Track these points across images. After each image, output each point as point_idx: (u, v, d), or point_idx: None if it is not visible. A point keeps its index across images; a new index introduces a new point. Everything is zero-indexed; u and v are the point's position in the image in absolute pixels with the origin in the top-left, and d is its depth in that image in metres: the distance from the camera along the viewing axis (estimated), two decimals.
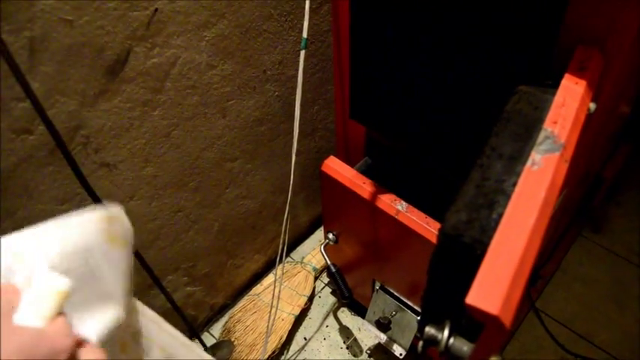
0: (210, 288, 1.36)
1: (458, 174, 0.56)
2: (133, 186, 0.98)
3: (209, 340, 1.40)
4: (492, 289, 0.36)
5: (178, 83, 0.94)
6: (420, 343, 0.48)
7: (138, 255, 0.95)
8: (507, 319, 0.35)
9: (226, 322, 1.41)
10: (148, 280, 1.02)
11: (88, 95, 0.81)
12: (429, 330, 0.48)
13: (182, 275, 1.24)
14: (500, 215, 0.43)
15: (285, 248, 1.06)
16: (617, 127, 1.21)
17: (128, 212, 0.99)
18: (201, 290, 1.33)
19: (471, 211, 0.45)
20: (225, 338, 1.35)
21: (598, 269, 1.56)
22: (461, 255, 0.43)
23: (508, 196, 0.45)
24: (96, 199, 0.83)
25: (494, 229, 0.42)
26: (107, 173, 0.92)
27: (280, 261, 1.06)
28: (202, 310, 1.40)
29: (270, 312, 1.27)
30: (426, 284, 0.50)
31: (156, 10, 0.83)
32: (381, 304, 1.18)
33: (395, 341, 1.18)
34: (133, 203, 1.00)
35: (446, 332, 0.47)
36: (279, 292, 1.38)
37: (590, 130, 0.78)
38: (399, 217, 0.91)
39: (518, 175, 0.46)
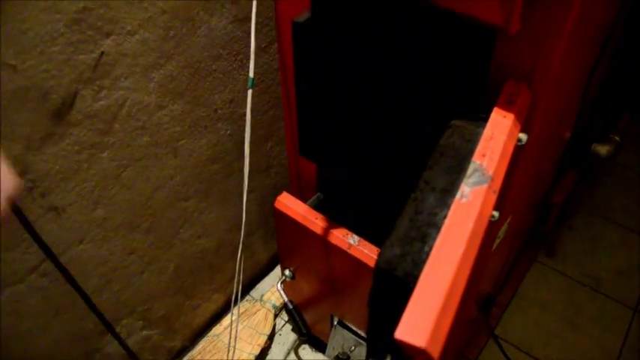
0: (167, 331, 1.33)
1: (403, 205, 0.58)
2: (82, 229, 0.96)
3: None
4: (420, 322, 0.37)
5: (127, 124, 0.94)
6: None
7: (88, 300, 0.92)
8: (435, 351, 0.36)
9: None
10: (100, 325, 0.99)
11: (33, 139, 0.80)
12: None
13: (137, 319, 1.21)
14: (432, 248, 0.44)
15: (242, 287, 1.06)
16: (560, 152, 1.26)
17: (78, 256, 0.96)
18: (158, 334, 1.30)
19: (405, 245, 0.46)
20: None
21: (553, 293, 1.59)
22: (395, 289, 0.44)
23: (440, 229, 0.46)
24: (42, 245, 0.81)
25: (425, 262, 0.43)
26: (55, 217, 0.90)
27: (236, 302, 1.05)
28: (160, 354, 1.36)
29: (228, 354, 1.25)
30: (367, 318, 0.50)
31: (102, 53, 0.84)
32: (339, 339, 1.17)
33: None
34: (83, 247, 0.98)
35: None
36: (238, 332, 1.36)
37: (528, 158, 0.81)
38: (351, 251, 0.92)
39: (450, 207, 0.48)
